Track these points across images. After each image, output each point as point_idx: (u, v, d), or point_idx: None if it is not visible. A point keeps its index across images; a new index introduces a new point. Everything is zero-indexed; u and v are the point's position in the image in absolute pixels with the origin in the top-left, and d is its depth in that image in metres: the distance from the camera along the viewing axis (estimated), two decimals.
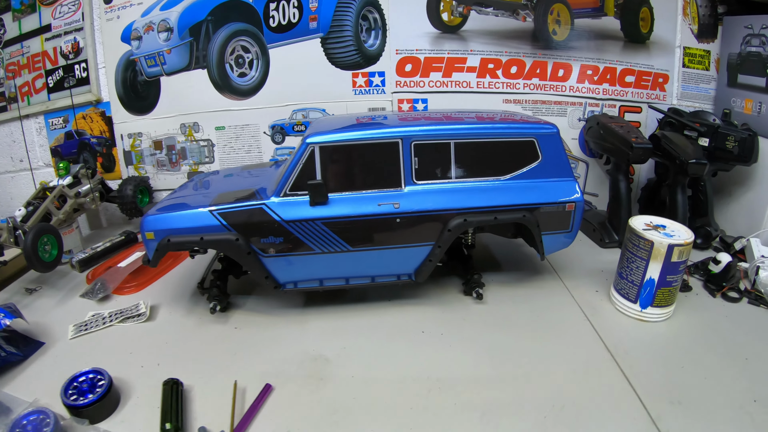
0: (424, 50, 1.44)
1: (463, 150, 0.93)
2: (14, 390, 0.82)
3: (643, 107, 1.47)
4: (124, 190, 1.47)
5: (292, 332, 0.98)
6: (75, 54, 1.56)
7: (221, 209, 0.91)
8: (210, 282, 1.07)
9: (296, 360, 0.88)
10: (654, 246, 0.90)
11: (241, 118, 1.53)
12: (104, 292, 1.15)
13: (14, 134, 1.69)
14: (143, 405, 0.79)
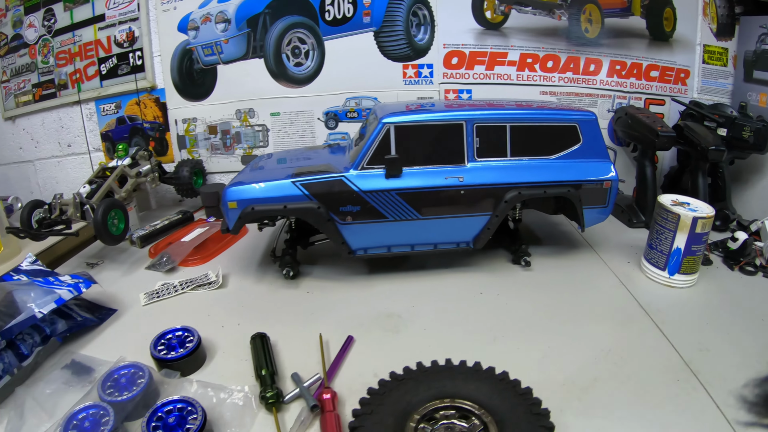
0: (469, 45, 1.54)
1: (517, 132, 1.04)
2: (93, 352, 0.87)
3: (667, 100, 1.57)
4: (180, 172, 1.55)
5: (362, 294, 1.06)
6: (130, 43, 1.64)
7: (304, 180, 1.01)
8: (282, 251, 1.15)
9: (371, 316, 0.96)
10: (680, 219, 1.01)
11: (296, 104, 1.62)
12: (171, 264, 1.21)
13: (62, 120, 1.76)
14: (230, 359, 0.85)
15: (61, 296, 0.88)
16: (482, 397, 0.57)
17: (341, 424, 0.68)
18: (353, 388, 0.76)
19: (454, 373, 0.61)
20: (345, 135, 1.63)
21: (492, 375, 0.60)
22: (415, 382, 0.60)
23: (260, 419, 0.71)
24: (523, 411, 0.53)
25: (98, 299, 1.04)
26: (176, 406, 0.68)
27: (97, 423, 0.66)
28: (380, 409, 0.56)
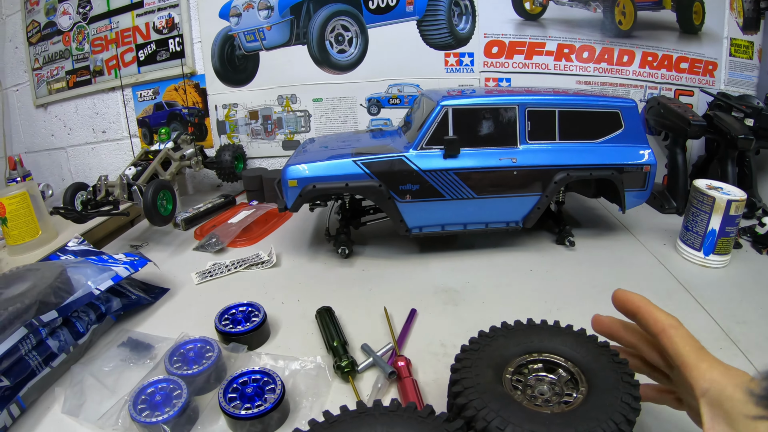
0: (508, 35, 1.58)
1: (565, 117, 1.09)
2: (149, 330, 0.89)
3: (695, 91, 1.62)
4: (222, 156, 1.59)
5: (416, 271, 1.10)
6: (169, 29, 1.68)
7: (365, 159, 1.05)
8: (336, 230, 1.19)
9: (428, 292, 1.00)
10: (715, 201, 1.05)
11: (339, 90, 1.66)
12: (219, 245, 1.24)
13: (97, 106, 1.80)
14: (295, 333, 0.87)
15: (117, 273, 0.89)
16: (567, 350, 0.61)
17: (419, 388, 0.71)
18: (423, 357, 0.80)
19: (538, 330, 0.65)
20: (387, 121, 1.67)
21: (572, 331, 0.64)
22: (504, 339, 0.63)
23: (335, 388, 0.73)
24: (605, 361, 0.58)
25: (149, 279, 1.07)
26: (251, 377, 0.69)
27: (168, 397, 0.67)
28: (478, 363, 0.59)
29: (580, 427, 0.50)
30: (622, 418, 0.51)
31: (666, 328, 0.54)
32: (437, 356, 0.80)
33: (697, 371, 0.50)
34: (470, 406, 0.53)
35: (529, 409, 0.53)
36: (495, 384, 0.56)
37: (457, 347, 0.63)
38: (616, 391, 0.54)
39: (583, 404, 0.54)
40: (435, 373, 0.76)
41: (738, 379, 0.48)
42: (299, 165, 1.07)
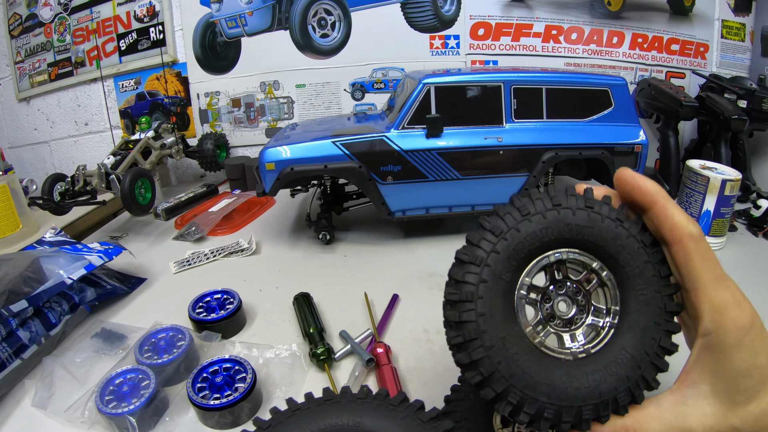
0: (495, 16, 1.55)
1: (553, 94, 1.05)
2: (124, 320, 0.86)
3: (687, 73, 1.59)
4: (204, 145, 1.56)
5: (400, 256, 1.07)
6: (150, 17, 1.65)
7: (344, 140, 1.02)
8: (317, 215, 1.16)
9: (413, 277, 0.97)
10: (710, 181, 1.02)
11: (322, 76, 1.63)
12: (199, 234, 1.21)
13: (79, 98, 1.77)
14: (271, 321, 0.85)
15: (91, 262, 0.86)
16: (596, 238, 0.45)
17: (398, 376, 0.68)
18: (404, 343, 0.77)
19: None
20: (371, 106, 1.64)
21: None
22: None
23: (311, 377, 0.71)
24: (643, 260, 0.44)
25: (126, 269, 1.04)
26: (222, 366, 0.67)
27: (136, 387, 0.65)
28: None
29: (604, 386, 0.42)
30: (653, 373, 0.43)
31: (684, 238, 0.42)
32: (419, 342, 0.77)
33: (708, 304, 0.42)
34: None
35: (540, 352, 0.44)
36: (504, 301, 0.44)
37: (441, 332, 0.58)
38: (655, 327, 0.43)
39: (613, 342, 0.44)
40: (416, 360, 0.74)
41: (752, 338, 0.41)
42: (277, 147, 1.04)
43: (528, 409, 0.41)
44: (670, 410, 0.44)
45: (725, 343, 0.42)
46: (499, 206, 0.45)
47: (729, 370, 0.42)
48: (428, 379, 0.69)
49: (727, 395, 0.43)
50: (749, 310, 0.42)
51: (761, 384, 0.42)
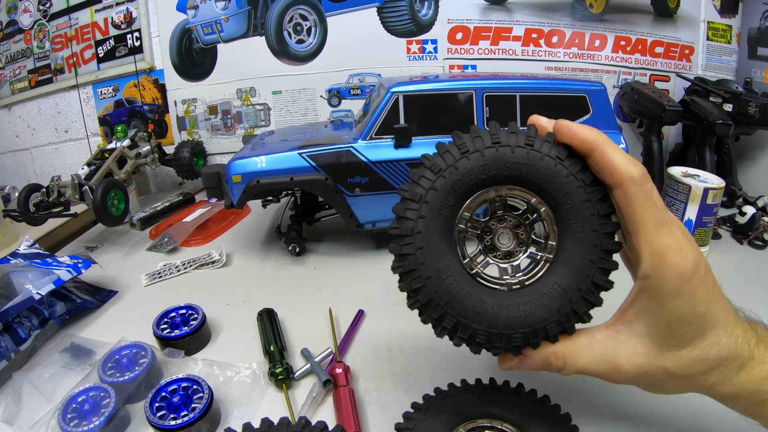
0: (473, 20, 1.52)
1: (527, 102, 1.02)
2: (93, 335, 0.85)
3: (671, 76, 1.56)
4: (180, 153, 1.54)
5: (370, 269, 1.04)
6: (127, 24, 1.62)
7: (310, 151, 0.99)
8: (287, 227, 1.13)
9: (381, 290, 0.93)
10: (691, 190, 1.00)
11: (298, 82, 1.60)
12: (172, 244, 1.19)
13: (59, 105, 1.74)
14: (236, 337, 0.84)
15: (59, 277, 0.86)
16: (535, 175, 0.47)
17: (356, 398, 0.66)
18: (366, 362, 0.75)
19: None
20: (348, 112, 1.61)
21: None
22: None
23: (270, 396, 0.69)
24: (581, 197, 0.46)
25: (98, 282, 1.02)
26: (181, 385, 0.66)
27: (97, 405, 0.64)
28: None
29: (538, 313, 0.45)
30: (585, 307, 0.46)
31: (625, 182, 0.42)
32: (381, 362, 0.75)
33: (647, 249, 0.43)
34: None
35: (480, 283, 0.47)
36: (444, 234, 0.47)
37: (404, 351, 0.58)
38: (589, 264, 0.45)
39: (547, 276, 0.47)
40: (377, 380, 0.72)
41: (692, 286, 0.42)
42: (243, 159, 1.02)
43: (461, 334, 0.46)
44: (601, 343, 0.46)
45: (663, 288, 0.42)
46: (441, 144, 0.47)
47: (665, 315, 0.43)
48: (386, 402, 0.67)
49: (661, 338, 0.44)
50: (692, 257, 0.42)
51: (698, 331, 0.43)
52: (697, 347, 0.43)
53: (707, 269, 0.43)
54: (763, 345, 0.44)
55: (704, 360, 0.43)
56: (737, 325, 0.44)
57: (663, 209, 0.43)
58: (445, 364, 0.74)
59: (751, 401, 0.44)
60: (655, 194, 0.43)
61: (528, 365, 0.48)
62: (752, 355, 0.43)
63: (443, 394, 0.61)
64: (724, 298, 0.45)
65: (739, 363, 0.43)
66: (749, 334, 0.44)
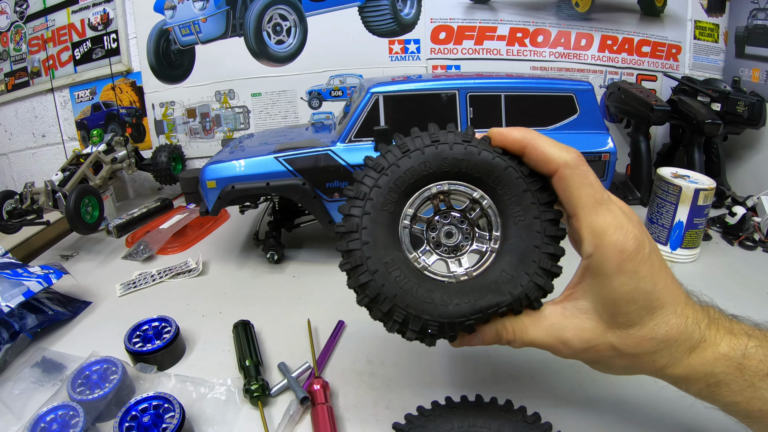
0: (457, 19, 1.49)
1: (513, 102, 0.99)
2: (65, 348, 0.82)
3: (659, 76, 1.54)
4: (158, 158, 1.49)
5: None
6: (104, 25, 1.57)
7: (287, 155, 0.95)
8: (265, 233, 1.10)
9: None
10: (682, 191, 0.98)
11: (278, 84, 1.57)
12: (148, 252, 1.16)
13: (36, 110, 1.69)
14: (212, 350, 0.80)
15: (29, 288, 0.83)
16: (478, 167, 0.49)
17: (335, 417, 0.63)
18: (345, 377, 0.72)
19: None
20: (329, 114, 1.58)
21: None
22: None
23: (245, 414, 0.66)
24: (523, 191, 0.49)
25: (71, 292, 0.99)
26: (151, 404, 0.63)
27: (66, 425, 0.62)
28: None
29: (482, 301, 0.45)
30: (535, 293, 0.46)
31: (559, 168, 0.44)
32: (362, 376, 0.72)
33: (587, 228, 0.44)
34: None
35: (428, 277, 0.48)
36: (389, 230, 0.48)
37: (385, 364, 0.56)
38: (534, 250, 0.46)
39: (493, 265, 0.48)
40: (357, 396, 0.69)
41: (635, 264, 0.43)
42: (218, 164, 0.99)
43: (413, 326, 0.46)
44: (550, 318, 0.47)
45: (604, 266, 0.43)
46: (383, 145, 0.49)
47: (609, 292, 0.44)
48: (366, 420, 0.65)
49: (608, 315, 0.45)
50: (634, 234, 0.43)
51: (645, 309, 0.43)
52: (645, 326, 0.44)
53: (653, 249, 0.44)
54: (715, 327, 0.45)
55: (652, 339, 0.44)
56: (687, 306, 0.45)
57: (600, 189, 0.44)
58: (428, 378, 0.71)
59: (704, 383, 0.44)
60: (590, 175, 0.44)
61: (479, 340, 0.49)
62: (703, 336, 0.44)
63: (426, 414, 0.57)
64: (673, 279, 0.45)
65: (689, 344, 0.44)
66: (700, 315, 0.45)
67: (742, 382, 0.43)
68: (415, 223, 0.49)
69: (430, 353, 0.76)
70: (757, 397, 0.43)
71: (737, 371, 0.43)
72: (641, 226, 0.45)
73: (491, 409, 0.57)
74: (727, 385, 0.43)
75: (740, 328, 0.46)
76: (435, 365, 0.74)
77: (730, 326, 0.46)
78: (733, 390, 0.43)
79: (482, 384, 0.70)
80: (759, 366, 0.43)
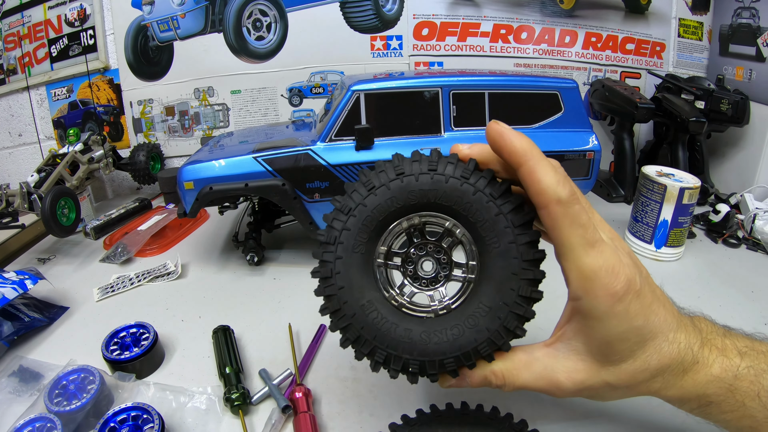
0: (440, 15, 1.47)
1: (496, 99, 0.98)
2: (43, 356, 0.80)
3: (643, 73, 1.54)
4: (136, 157, 1.46)
5: None
6: (81, 21, 1.53)
7: (266, 155, 0.93)
8: (245, 235, 1.07)
9: None
10: (667, 189, 0.98)
11: (258, 81, 1.54)
12: (126, 255, 1.13)
13: (12, 108, 1.65)
14: (191, 356, 0.79)
15: (4, 295, 0.81)
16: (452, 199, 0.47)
17: (317, 425, 0.62)
18: (328, 383, 0.71)
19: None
20: (310, 112, 1.56)
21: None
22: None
23: (226, 423, 0.65)
24: (500, 223, 0.45)
25: (48, 297, 0.96)
26: (130, 415, 0.62)
27: None
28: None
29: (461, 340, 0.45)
30: (515, 322, 0.45)
31: (550, 204, 0.41)
32: (345, 383, 0.71)
33: (576, 272, 0.42)
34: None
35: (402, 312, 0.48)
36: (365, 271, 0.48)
37: (369, 370, 0.54)
38: (511, 277, 0.45)
39: (471, 296, 0.47)
40: (340, 404, 0.68)
41: (626, 305, 0.42)
42: (195, 164, 0.96)
43: (394, 365, 0.46)
44: (540, 361, 0.46)
45: (596, 309, 0.42)
46: (348, 184, 0.48)
47: (602, 335, 0.43)
48: (350, 429, 0.64)
49: (601, 355, 0.44)
50: (624, 275, 0.42)
51: (637, 345, 0.43)
52: (637, 359, 0.44)
53: (644, 280, 0.43)
54: (708, 348, 0.45)
55: (645, 370, 0.44)
56: (679, 331, 0.44)
57: (592, 230, 0.42)
58: (413, 385, 0.69)
59: (697, 403, 0.45)
60: (583, 215, 0.42)
61: (467, 384, 0.48)
62: (696, 359, 0.44)
63: (411, 422, 0.55)
64: (663, 306, 0.44)
65: (682, 368, 0.44)
66: (692, 338, 0.45)
67: (733, 403, 0.43)
68: (390, 258, 0.49)
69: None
70: (748, 415, 0.43)
71: (729, 392, 0.43)
72: (631, 259, 0.44)
73: (478, 416, 0.55)
74: (718, 405, 0.44)
75: (733, 345, 0.46)
76: None
77: (723, 344, 0.45)
78: (724, 410, 0.44)
79: (468, 391, 0.68)
80: (750, 387, 0.43)
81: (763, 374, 0.43)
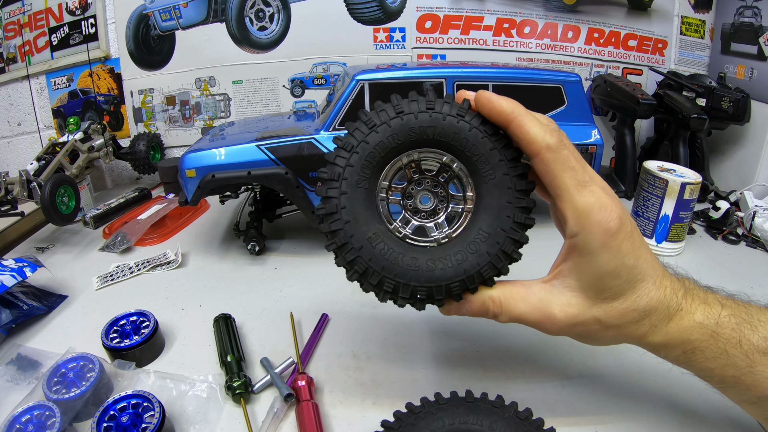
0: (443, 8, 1.47)
1: (500, 91, 0.95)
2: (41, 344, 0.80)
3: (644, 70, 1.54)
4: (136, 146, 1.45)
5: (334, 269, 0.98)
6: (82, 10, 1.52)
7: (269, 144, 0.93)
8: (246, 224, 1.07)
9: (346, 292, 0.88)
10: (668, 184, 0.98)
11: (260, 71, 1.54)
12: (126, 244, 1.13)
13: (12, 97, 1.63)
14: (192, 345, 0.78)
15: (3, 282, 0.81)
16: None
17: (320, 414, 0.61)
18: (331, 372, 0.71)
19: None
20: (312, 103, 1.55)
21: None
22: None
23: (228, 412, 0.64)
24: (498, 162, 0.49)
25: (47, 285, 0.96)
26: (130, 403, 0.61)
27: (42, 425, 0.60)
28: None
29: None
30: (512, 246, 0.48)
31: (541, 151, 0.45)
32: (348, 371, 0.71)
33: (571, 210, 0.46)
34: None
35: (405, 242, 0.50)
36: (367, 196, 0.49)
37: (372, 359, 0.56)
38: (507, 205, 0.48)
39: (470, 225, 0.50)
40: (343, 392, 0.67)
41: (619, 241, 0.45)
42: (197, 152, 0.96)
43: (403, 294, 0.48)
44: (537, 295, 0.49)
45: (590, 244, 0.45)
46: (349, 123, 0.50)
47: (595, 269, 0.46)
48: (353, 416, 0.63)
49: (593, 291, 0.47)
50: (617, 213, 0.45)
51: (628, 283, 0.46)
52: (628, 298, 0.46)
53: (633, 226, 0.46)
54: (690, 297, 0.48)
55: (634, 310, 0.46)
56: (665, 278, 0.48)
57: (582, 171, 0.46)
58: (416, 373, 0.70)
59: (681, 350, 0.47)
60: (572, 158, 0.46)
61: (467, 310, 0.50)
62: (680, 306, 0.47)
63: (416, 411, 0.55)
64: (651, 253, 0.48)
65: (668, 313, 0.47)
66: (677, 286, 0.48)
67: (716, 349, 0.46)
68: (390, 193, 0.51)
69: (417, 348, 0.75)
70: (730, 364, 0.46)
71: (711, 339, 0.46)
72: (621, 205, 0.47)
73: (482, 405, 0.55)
74: (702, 352, 0.47)
75: (714, 298, 0.49)
76: (423, 360, 0.73)
77: (705, 296, 0.48)
78: (708, 357, 0.47)
79: (472, 379, 0.68)
80: (731, 334, 0.46)
81: (744, 323, 0.46)
